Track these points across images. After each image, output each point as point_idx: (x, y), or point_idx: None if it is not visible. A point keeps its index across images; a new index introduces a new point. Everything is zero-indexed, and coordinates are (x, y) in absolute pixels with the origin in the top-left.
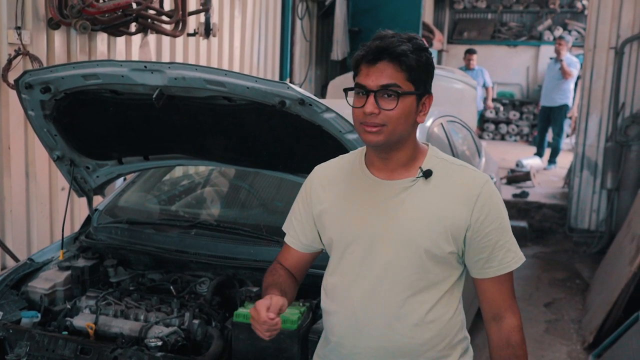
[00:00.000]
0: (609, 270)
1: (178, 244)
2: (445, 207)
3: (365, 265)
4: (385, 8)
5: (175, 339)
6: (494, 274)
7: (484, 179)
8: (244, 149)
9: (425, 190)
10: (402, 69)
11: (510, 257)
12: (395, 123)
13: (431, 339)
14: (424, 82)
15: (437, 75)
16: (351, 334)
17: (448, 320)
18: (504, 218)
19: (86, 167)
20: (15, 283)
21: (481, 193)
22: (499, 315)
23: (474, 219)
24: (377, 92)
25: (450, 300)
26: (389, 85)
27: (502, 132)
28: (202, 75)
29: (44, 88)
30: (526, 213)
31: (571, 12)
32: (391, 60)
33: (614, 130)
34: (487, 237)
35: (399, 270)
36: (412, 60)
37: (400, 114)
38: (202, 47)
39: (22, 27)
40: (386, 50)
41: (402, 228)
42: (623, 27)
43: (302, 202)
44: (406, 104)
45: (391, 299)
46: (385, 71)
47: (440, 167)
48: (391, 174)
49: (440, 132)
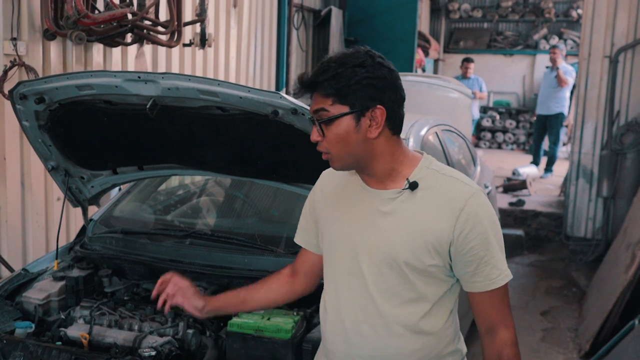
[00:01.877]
0: (605, 278)
1: (172, 253)
2: (429, 220)
3: (352, 274)
4: (381, 18)
5: (169, 348)
6: (481, 290)
7: (470, 192)
8: (237, 158)
9: (411, 202)
10: (327, 95)
11: (496, 274)
12: (335, 148)
13: (418, 350)
14: (361, 98)
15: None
16: (341, 342)
17: (437, 332)
18: (489, 233)
19: (81, 177)
20: (10, 293)
21: (465, 207)
22: (492, 329)
23: (457, 233)
24: (315, 120)
25: (440, 312)
26: (318, 110)
27: (499, 141)
28: (196, 86)
29: (38, 99)
30: (522, 221)
31: (567, 21)
32: (315, 89)
33: (610, 138)
34: (472, 251)
35: (383, 281)
36: (338, 83)
37: (335, 137)
38: (198, 57)
39: (18, 38)
40: (309, 80)
41: (384, 239)
42: (617, 36)
43: (310, 203)
44: (340, 128)
45: (377, 309)
46: (316, 98)
47: (430, 178)
48: (379, 185)
49: (435, 141)
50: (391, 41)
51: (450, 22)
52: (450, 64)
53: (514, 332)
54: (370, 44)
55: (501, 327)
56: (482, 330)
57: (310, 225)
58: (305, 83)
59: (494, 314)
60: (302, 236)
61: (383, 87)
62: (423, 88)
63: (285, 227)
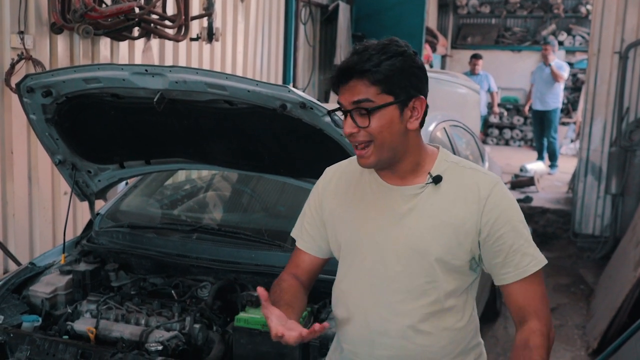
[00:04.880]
0: (614, 276)
1: (179, 248)
2: (456, 212)
3: (375, 274)
4: (389, 13)
5: (176, 343)
6: (512, 280)
7: (494, 181)
8: (245, 153)
9: (435, 196)
10: (373, 84)
11: (527, 260)
12: (380, 137)
13: (445, 346)
14: (406, 88)
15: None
16: (365, 343)
17: (462, 328)
18: (517, 220)
19: (88, 171)
20: (17, 287)
21: (490, 195)
22: (524, 319)
23: (484, 222)
24: (353, 111)
25: (464, 308)
26: (360, 100)
27: (506, 137)
28: (203, 79)
29: (45, 92)
30: (530, 218)
31: (575, 17)
32: (360, 77)
33: (619, 135)
34: (500, 240)
35: (410, 280)
36: (384, 71)
37: (380, 127)
38: (205, 51)
39: (25, 31)
40: (353, 68)
41: (411, 237)
42: (627, 32)
43: (314, 205)
44: (385, 117)
45: (404, 308)
46: (355, 88)
47: (451, 171)
48: (400, 181)
49: (443, 137)
50: (399, 36)
51: (458, 18)
52: (458, 59)
53: (547, 324)
54: (377, 39)
55: (532, 317)
56: (515, 320)
57: (315, 229)
58: (347, 71)
59: (526, 305)
60: (307, 241)
61: (423, 77)
62: (431, 83)
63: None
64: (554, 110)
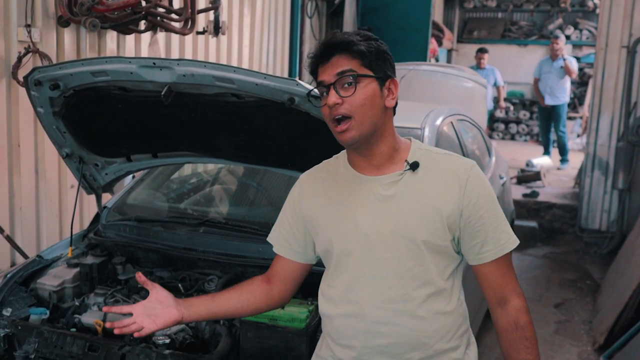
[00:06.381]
0: (620, 271)
1: (186, 241)
2: (437, 195)
3: (365, 265)
4: (395, 7)
5: (183, 336)
6: (491, 258)
7: (470, 164)
8: (252, 146)
9: (414, 182)
10: (355, 57)
11: (505, 238)
12: (361, 111)
13: (438, 330)
14: (382, 67)
15: (446, 73)
16: (360, 335)
17: (452, 311)
18: (494, 201)
19: (95, 164)
20: (24, 280)
21: (469, 177)
22: (503, 299)
23: (466, 202)
24: (336, 83)
25: (452, 291)
26: (345, 71)
27: (512, 132)
28: (211, 72)
29: (53, 85)
30: (536, 213)
31: (582, 10)
32: (342, 51)
33: (626, 130)
34: (481, 220)
35: (400, 265)
36: (363, 46)
37: (364, 99)
38: (211, 45)
39: (32, 24)
40: (335, 44)
41: (397, 222)
42: (635, 26)
43: (291, 212)
44: (368, 89)
45: (397, 294)
46: (338, 62)
47: (426, 158)
48: (377, 170)
49: (450, 131)
50: (405, 30)
51: (464, 12)
52: (464, 54)
53: (525, 298)
54: (384, 33)
55: (513, 296)
56: (492, 302)
57: (291, 234)
58: (330, 46)
59: (505, 283)
60: (283, 246)
61: (393, 65)
62: (438, 77)
63: None
64: (562, 104)
